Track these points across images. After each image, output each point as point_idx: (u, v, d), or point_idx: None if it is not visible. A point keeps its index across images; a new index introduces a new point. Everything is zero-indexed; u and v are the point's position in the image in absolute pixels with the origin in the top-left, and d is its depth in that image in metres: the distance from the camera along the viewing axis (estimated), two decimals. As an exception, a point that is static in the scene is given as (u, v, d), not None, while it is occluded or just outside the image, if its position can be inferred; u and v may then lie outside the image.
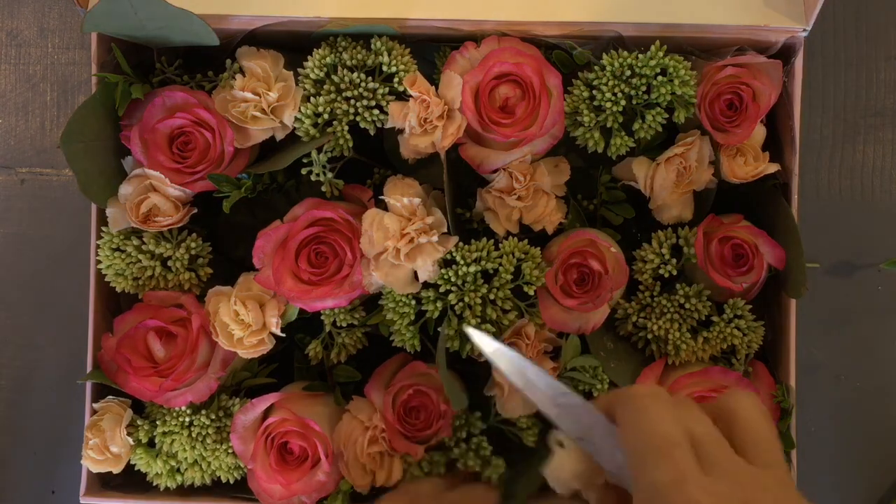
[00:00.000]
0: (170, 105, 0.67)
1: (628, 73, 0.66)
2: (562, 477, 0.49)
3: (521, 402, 0.66)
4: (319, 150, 0.66)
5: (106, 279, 0.69)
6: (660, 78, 0.65)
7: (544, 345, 0.66)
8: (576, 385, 0.67)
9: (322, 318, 0.68)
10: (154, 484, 0.70)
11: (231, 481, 0.69)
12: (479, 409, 0.68)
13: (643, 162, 0.68)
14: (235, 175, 0.67)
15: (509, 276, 0.64)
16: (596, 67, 0.67)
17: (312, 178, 0.67)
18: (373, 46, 0.67)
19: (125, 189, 0.67)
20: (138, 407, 0.70)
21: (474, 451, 0.66)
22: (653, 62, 0.65)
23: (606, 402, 0.48)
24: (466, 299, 0.64)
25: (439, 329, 0.65)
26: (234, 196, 0.67)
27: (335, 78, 0.66)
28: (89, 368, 0.70)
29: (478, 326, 0.64)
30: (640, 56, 0.66)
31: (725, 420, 0.46)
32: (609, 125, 0.66)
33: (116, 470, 0.69)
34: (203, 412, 0.68)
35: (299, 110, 0.66)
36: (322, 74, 0.67)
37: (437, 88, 0.66)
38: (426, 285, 0.65)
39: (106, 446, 0.68)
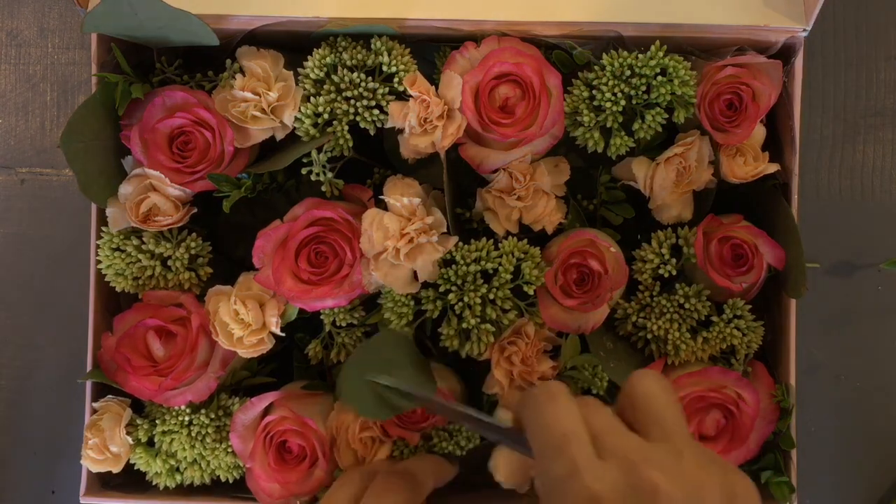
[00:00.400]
0: (170, 105, 0.67)
1: (628, 73, 0.66)
2: (498, 477, 0.53)
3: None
4: (319, 149, 0.66)
5: (106, 279, 0.69)
6: (660, 78, 0.65)
7: (543, 344, 0.66)
8: (575, 384, 0.67)
9: (322, 317, 0.68)
10: (153, 483, 0.70)
11: (230, 480, 0.69)
12: (478, 408, 0.68)
13: (643, 162, 0.68)
14: (235, 175, 0.67)
15: (509, 276, 0.64)
16: (596, 67, 0.67)
17: (312, 177, 0.67)
18: (373, 46, 0.67)
19: (125, 189, 0.67)
20: (138, 406, 0.70)
21: (451, 438, 0.66)
22: (653, 62, 0.65)
23: (515, 407, 0.50)
24: (466, 299, 0.64)
25: (439, 330, 0.65)
26: (234, 196, 0.67)
27: (335, 78, 0.66)
28: (89, 368, 0.70)
29: (477, 325, 0.64)
30: (640, 56, 0.66)
31: (629, 403, 0.48)
32: (609, 125, 0.66)
33: (116, 469, 0.69)
34: (202, 411, 0.68)
35: (299, 110, 0.66)
36: (322, 74, 0.67)
37: (437, 88, 0.66)
38: (426, 285, 0.65)
39: (105, 446, 0.68)
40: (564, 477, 0.44)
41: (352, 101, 0.66)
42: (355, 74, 0.66)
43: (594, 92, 0.66)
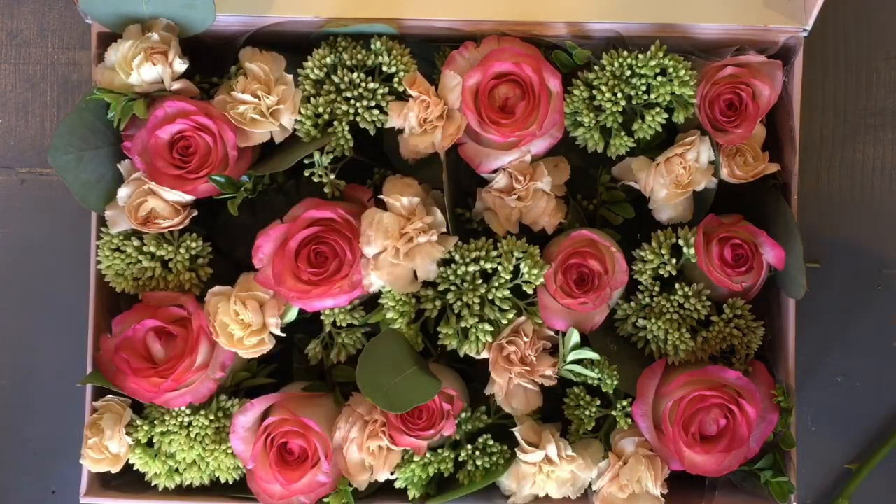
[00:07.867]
0: (171, 115, 0.66)
1: (628, 73, 0.66)
2: None
3: (524, 399, 0.66)
4: (322, 151, 0.66)
5: (106, 279, 0.69)
6: (660, 78, 0.66)
7: (543, 342, 0.66)
8: (579, 380, 0.67)
9: (322, 318, 0.68)
10: (153, 484, 0.70)
11: (230, 481, 0.69)
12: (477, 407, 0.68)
13: (643, 162, 0.68)
14: (239, 177, 0.67)
15: (508, 276, 0.64)
16: (596, 67, 0.67)
17: (315, 179, 0.67)
18: (373, 46, 0.67)
19: (123, 192, 0.67)
20: (138, 406, 0.70)
21: (481, 450, 0.66)
22: (653, 62, 0.65)
23: None
24: (465, 298, 0.64)
25: (438, 329, 0.65)
26: (240, 197, 0.67)
27: (335, 78, 0.66)
28: (89, 369, 0.70)
29: (475, 325, 0.64)
30: (640, 56, 0.66)
31: None
32: (609, 125, 0.66)
33: (115, 469, 0.69)
34: (202, 413, 0.67)
35: (299, 111, 0.66)
36: (322, 75, 0.67)
37: (437, 88, 0.66)
38: (425, 284, 0.65)
39: (105, 445, 0.68)
40: None
41: (352, 102, 0.66)
42: (355, 74, 0.66)
43: (594, 92, 0.66)
